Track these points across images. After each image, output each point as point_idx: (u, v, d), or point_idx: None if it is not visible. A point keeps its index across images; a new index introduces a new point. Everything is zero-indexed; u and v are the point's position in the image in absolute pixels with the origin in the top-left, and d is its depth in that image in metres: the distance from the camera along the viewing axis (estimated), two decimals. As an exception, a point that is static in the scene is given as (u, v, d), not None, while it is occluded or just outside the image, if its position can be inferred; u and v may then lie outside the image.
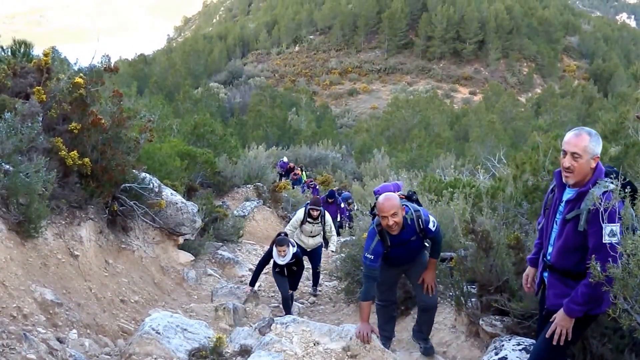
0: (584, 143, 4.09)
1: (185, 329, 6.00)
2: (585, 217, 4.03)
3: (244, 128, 43.40)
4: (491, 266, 6.08)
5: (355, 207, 17.95)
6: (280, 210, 20.04)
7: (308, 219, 11.46)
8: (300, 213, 11.62)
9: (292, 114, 51.99)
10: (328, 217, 11.93)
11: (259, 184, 20.62)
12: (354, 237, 10.65)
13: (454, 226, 7.27)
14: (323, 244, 12.03)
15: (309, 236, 11.61)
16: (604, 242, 3.89)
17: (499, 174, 11.50)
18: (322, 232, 11.80)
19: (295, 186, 25.35)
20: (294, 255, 9.73)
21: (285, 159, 30.08)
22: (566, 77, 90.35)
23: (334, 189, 21.21)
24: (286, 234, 10.20)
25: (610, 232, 3.89)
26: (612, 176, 4.14)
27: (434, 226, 6.04)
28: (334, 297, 11.17)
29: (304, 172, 27.77)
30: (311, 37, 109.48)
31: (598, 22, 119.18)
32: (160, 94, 51.31)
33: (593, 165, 4.13)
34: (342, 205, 19.09)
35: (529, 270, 4.92)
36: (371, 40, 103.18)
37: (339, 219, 18.37)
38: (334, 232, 12.25)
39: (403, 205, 5.92)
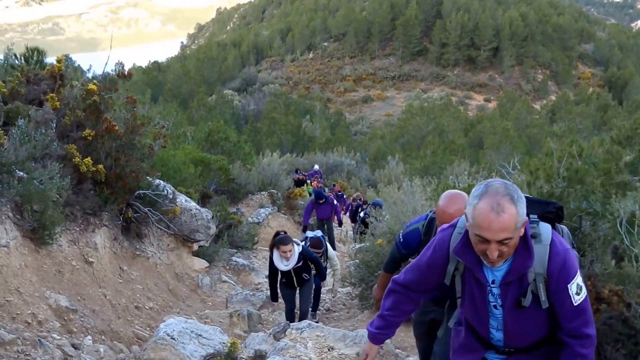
0: (511, 221, 2.77)
1: (200, 335, 6.00)
2: (544, 291, 3.00)
3: (258, 135, 43.50)
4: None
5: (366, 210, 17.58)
6: (297, 217, 20.04)
7: None
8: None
9: (306, 121, 52.06)
10: (332, 252, 9.93)
11: (273, 190, 20.62)
12: (367, 244, 10.56)
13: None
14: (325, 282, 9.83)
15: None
16: (575, 306, 2.98)
17: (513, 180, 11.46)
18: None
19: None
20: (302, 255, 8.34)
21: (316, 167, 30.11)
22: (581, 84, 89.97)
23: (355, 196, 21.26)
24: (285, 232, 8.69)
25: (576, 289, 2.97)
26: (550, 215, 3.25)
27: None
28: (348, 304, 11.12)
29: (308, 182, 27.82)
30: (325, 44, 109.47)
31: (613, 30, 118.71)
32: (174, 101, 51.57)
33: (523, 230, 2.90)
34: (336, 202, 18.14)
35: (371, 347, 3.69)
36: (385, 47, 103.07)
37: (336, 220, 17.70)
38: (337, 267, 10.13)
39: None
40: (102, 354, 5.89)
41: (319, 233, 9.83)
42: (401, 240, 5.10)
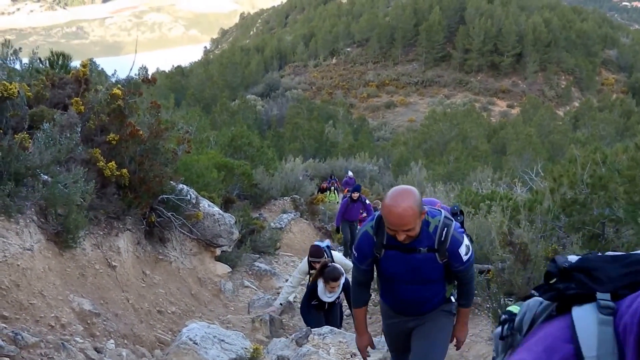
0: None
1: (222, 340, 6.01)
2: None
3: (281, 140, 43.54)
4: (529, 278, 6.02)
5: None
6: (318, 222, 20.04)
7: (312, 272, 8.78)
8: (303, 265, 9.24)
9: (329, 126, 51.99)
10: (338, 258, 9.18)
11: (296, 196, 20.62)
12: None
13: (492, 238, 7.21)
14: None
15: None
16: None
17: (536, 187, 11.40)
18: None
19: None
20: (343, 285, 8.03)
21: (350, 174, 30.06)
22: (604, 90, 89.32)
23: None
24: (332, 260, 8.45)
25: None
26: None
27: (466, 254, 4.25)
28: (370, 309, 11.08)
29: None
30: (348, 49, 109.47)
31: (637, 36, 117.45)
32: (198, 106, 51.75)
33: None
34: (367, 202, 16.83)
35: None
36: (408, 52, 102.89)
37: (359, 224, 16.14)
38: (349, 266, 8.28)
39: (424, 210, 4.10)
40: (125, 357, 5.92)
41: (323, 244, 9.40)
42: (355, 255, 4.45)
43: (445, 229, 4.14)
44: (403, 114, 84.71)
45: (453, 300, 4.65)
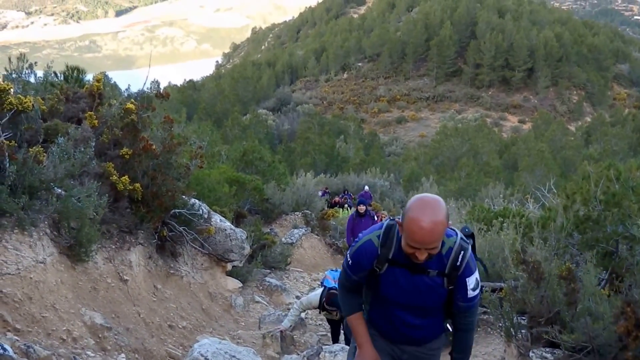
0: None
1: (233, 356, 5.99)
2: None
3: (292, 155, 43.56)
4: (542, 297, 5.98)
5: None
6: (328, 238, 20.00)
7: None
8: (314, 299, 8.46)
9: (340, 141, 52.05)
10: None
11: (307, 211, 20.60)
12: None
13: (504, 256, 7.18)
14: None
15: None
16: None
17: (549, 203, 11.36)
18: None
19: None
20: None
21: (367, 188, 30.02)
22: (616, 105, 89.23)
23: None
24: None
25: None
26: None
27: (473, 289, 3.70)
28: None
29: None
30: (359, 64, 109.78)
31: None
32: (209, 120, 51.90)
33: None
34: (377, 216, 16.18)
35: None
36: (419, 67, 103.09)
37: None
38: None
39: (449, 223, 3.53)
40: (136, 372, 5.91)
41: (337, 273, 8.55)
42: (349, 262, 3.82)
43: (462, 252, 3.60)
44: (414, 129, 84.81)
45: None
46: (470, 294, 3.66)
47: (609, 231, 6.59)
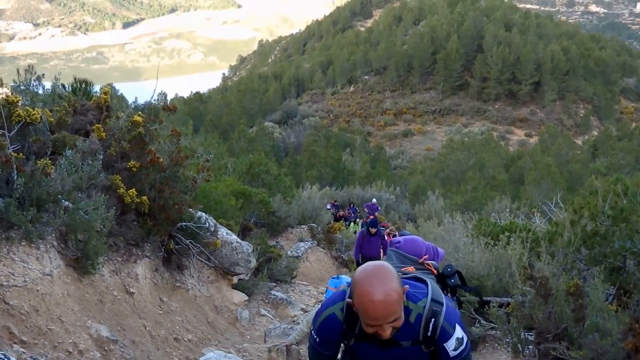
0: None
1: (238, 370, 5.98)
2: None
3: (298, 168, 43.56)
4: (550, 313, 5.96)
5: None
6: (334, 252, 19.98)
7: None
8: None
9: (346, 154, 52.04)
10: None
11: (313, 224, 20.61)
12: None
13: (512, 271, 7.15)
14: None
15: None
16: None
17: (555, 218, 11.33)
18: None
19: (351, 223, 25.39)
20: None
21: (374, 200, 30.01)
22: (623, 119, 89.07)
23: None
24: None
25: None
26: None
27: (457, 347, 3.24)
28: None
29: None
30: (366, 77, 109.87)
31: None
32: (215, 132, 52.07)
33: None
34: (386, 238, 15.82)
35: None
36: (426, 81, 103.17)
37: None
38: None
39: (405, 284, 3.16)
40: (142, 385, 5.91)
41: (344, 281, 8.58)
42: (316, 340, 3.48)
43: (433, 319, 3.20)
44: (420, 142, 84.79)
45: None
46: (453, 354, 3.24)
47: (617, 246, 6.57)
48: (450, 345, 3.20)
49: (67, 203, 6.71)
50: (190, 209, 9.50)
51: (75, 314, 6.18)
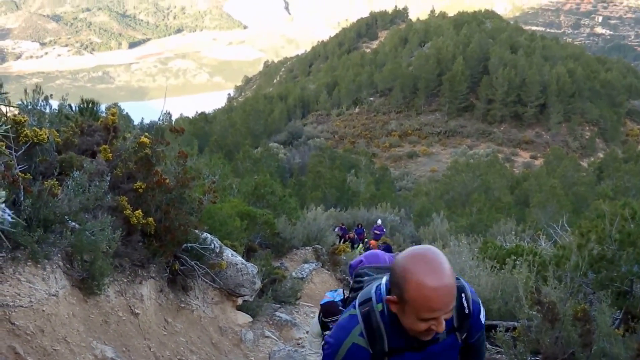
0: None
1: (243, 392, 5.96)
2: None
3: (303, 189, 43.52)
4: (557, 338, 5.93)
5: None
6: (339, 273, 19.92)
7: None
8: (315, 326, 7.58)
9: (351, 175, 52.00)
10: None
11: (317, 246, 20.55)
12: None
13: (518, 295, 7.13)
14: None
15: None
16: None
17: (561, 241, 11.30)
18: None
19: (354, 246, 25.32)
20: None
21: (379, 222, 29.94)
22: (629, 141, 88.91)
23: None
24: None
25: None
26: None
27: (484, 315, 3.18)
28: None
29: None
30: (371, 98, 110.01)
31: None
32: (220, 152, 52.01)
33: None
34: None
35: None
36: (431, 102, 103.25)
37: None
38: None
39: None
40: (146, 408, 5.89)
41: (336, 294, 8.50)
42: None
43: (463, 294, 3.00)
44: (425, 164, 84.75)
45: None
46: (483, 321, 3.13)
47: (624, 270, 6.56)
48: (483, 314, 3.10)
49: (73, 224, 6.72)
50: (196, 230, 9.50)
51: (80, 334, 6.17)
